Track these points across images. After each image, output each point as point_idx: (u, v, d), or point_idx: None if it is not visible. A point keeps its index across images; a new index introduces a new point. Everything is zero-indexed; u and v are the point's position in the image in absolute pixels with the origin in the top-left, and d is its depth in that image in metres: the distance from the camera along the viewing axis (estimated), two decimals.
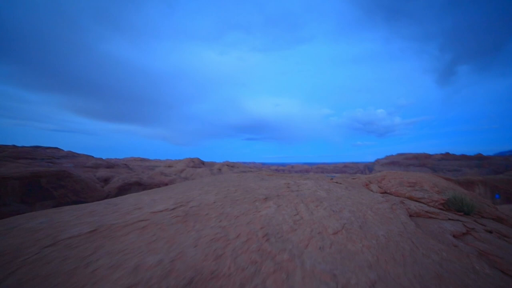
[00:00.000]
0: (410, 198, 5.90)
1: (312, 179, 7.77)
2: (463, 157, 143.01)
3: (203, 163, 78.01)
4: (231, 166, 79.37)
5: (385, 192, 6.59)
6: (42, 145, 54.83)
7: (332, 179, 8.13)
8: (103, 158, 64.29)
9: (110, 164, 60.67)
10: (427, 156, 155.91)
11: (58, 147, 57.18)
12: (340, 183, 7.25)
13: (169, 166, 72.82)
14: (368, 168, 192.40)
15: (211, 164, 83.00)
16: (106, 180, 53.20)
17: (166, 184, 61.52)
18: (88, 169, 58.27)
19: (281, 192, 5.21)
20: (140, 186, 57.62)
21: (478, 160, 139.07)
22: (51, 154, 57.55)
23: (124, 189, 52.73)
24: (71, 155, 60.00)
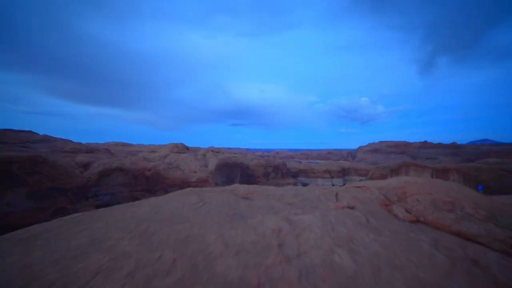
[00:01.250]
0: (460, 235, 4.11)
1: (315, 206, 5.47)
2: (440, 145, 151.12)
3: (187, 148, 76.78)
4: (216, 152, 78.79)
5: (418, 221, 4.82)
6: (14, 128, 51.21)
7: (339, 203, 5.93)
8: (83, 142, 61.53)
9: (90, 149, 58.28)
10: (407, 144, 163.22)
11: (32, 130, 53.74)
12: (353, 207, 5.39)
13: (152, 152, 71.14)
14: (351, 155, 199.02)
15: (196, 149, 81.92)
16: (86, 166, 51.25)
17: (149, 170, 60.35)
18: (66, 154, 55.70)
19: (267, 265, 2.74)
20: (122, 171, 56.07)
21: (453, 148, 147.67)
22: (24, 138, 54.20)
23: (105, 175, 51.13)
24: (47, 139, 56.88)
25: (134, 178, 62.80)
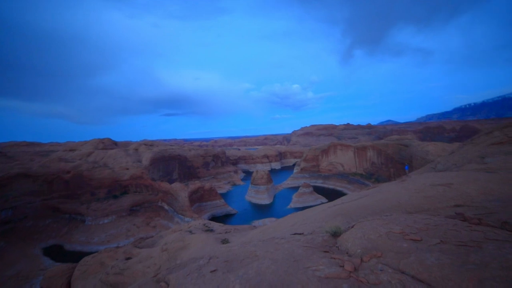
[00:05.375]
0: None
1: None
2: (359, 126, 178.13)
3: (115, 143, 68.16)
4: (149, 145, 72.37)
5: None
6: None
7: None
8: None
9: None
10: (334, 127, 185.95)
11: None
12: None
13: (70, 150, 60.22)
14: (286, 139, 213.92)
15: (126, 144, 73.80)
16: None
17: (69, 172, 51.33)
18: None
19: None
20: (28, 178, 46.04)
21: (369, 128, 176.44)
22: None
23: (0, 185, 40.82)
24: None
25: (47, 184, 52.45)
